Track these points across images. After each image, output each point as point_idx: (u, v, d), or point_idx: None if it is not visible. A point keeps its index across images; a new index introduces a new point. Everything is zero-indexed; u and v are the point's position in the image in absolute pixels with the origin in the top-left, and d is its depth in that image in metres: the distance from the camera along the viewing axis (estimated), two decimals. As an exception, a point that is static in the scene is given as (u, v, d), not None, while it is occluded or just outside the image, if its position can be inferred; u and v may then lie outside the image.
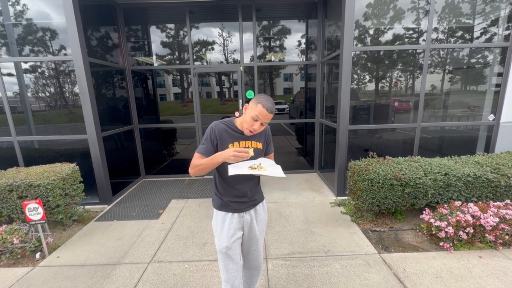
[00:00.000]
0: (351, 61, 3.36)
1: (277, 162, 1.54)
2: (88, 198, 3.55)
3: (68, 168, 3.09)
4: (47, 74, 3.62)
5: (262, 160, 1.44)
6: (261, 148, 1.52)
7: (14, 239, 2.46)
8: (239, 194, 1.49)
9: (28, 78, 3.58)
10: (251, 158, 1.39)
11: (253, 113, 1.31)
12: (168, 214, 3.42)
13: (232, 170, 1.31)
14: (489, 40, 3.57)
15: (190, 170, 1.41)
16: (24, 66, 3.54)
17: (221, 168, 1.44)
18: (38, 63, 3.54)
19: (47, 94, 3.69)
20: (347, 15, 3.22)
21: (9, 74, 3.54)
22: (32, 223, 2.47)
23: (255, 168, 1.37)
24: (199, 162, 1.37)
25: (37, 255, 2.54)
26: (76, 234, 2.98)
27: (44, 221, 2.49)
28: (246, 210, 1.53)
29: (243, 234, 1.56)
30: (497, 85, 3.67)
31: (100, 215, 3.44)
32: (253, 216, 1.56)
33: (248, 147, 1.45)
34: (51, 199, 2.76)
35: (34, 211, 2.44)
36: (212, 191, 1.60)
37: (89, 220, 3.31)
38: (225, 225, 1.50)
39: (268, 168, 1.41)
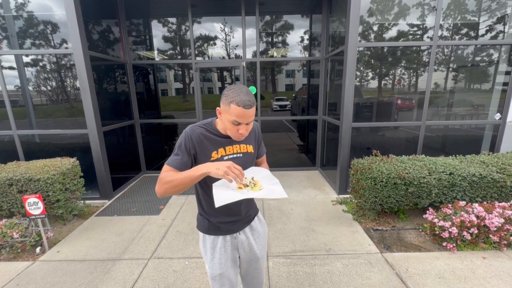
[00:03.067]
0: (355, 57, 3.30)
1: (279, 159, 1.38)
2: (88, 193, 3.55)
3: (68, 163, 3.07)
4: (48, 67, 3.58)
5: (255, 172, 1.14)
6: (252, 151, 1.24)
7: (14, 233, 2.45)
8: (231, 213, 1.21)
9: (29, 71, 3.55)
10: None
11: (231, 118, 1.03)
12: (169, 210, 3.40)
13: (219, 197, 0.99)
14: (494, 37, 3.50)
15: (158, 188, 1.05)
16: (25, 59, 3.50)
17: (205, 183, 1.14)
18: (39, 57, 3.50)
19: (48, 88, 3.66)
20: (352, 10, 3.15)
21: (10, 68, 3.51)
22: (32, 217, 2.46)
23: (247, 186, 1.07)
24: (172, 178, 1.02)
25: (37, 249, 2.53)
26: (76, 229, 2.98)
27: (44, 216, 2.47)
28: (240, 230, 1.28)
29: (239, 256, 1.32)
30: (504, 84, 3.60)
31: (100, 210, 3.44)
32: (249, 235, 1.31)
33: (238, 154, 1.18)
34: (51, 194, 2.75)
35: (34, 205, 2.42)
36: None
37: (89, 215, 3.30)
38: (216, 251, 1.24)
39: (265, 184, 1.10)
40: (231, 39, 4.55)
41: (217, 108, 1.10)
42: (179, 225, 3.01)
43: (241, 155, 1.19)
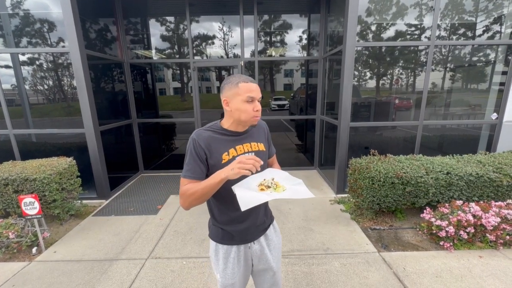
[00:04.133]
0: (354, 57, 3.30)
1: (277, 158, 1.39)
2: (85, 193, 3.52)
3: (65, 162, 3.05)
4: (45, 66, 3.55)
5: (273, 173, 1.07)
6: (264, 150, 1.19)
7: (10, 233, 2.43)
8: (248, 220, 1.14)
9: (25, 70, 3.52)
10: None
11: (243, 96, 1.01)
12: (167, 209, 3.39)
13: (244, 200, 0.90)
14: (491, 37, 3.52)
15: (183, 203, 1.03)
16: (22, 58, 3.47)
17: (217, 191, 1.02)
18: (36, 55, 3.47)
19: (45, 87, 3.63)
20: (350, 9, 3.15)
21: (6, 66, 3.48)
22: (28, 217, 2.44)
23: (270, 187, 0.99)
24: (193, 190, 0.99)
25: (34, 249, 2.51)
26: (73, 229, 2.96)
27: (40, 216, 2.45)
28: (255, 239, 1.21)
29: (252, 265, 1.25)
30: (501, 84, 3.62)
31: (97, 210, 3.42)
32: (263, 245, 1.23)
33: (250, 153, 1.11)
34: (48, 194, 2.72)
35: (30, 205, 2.40)
36: (208, 219, 1.24)
37: (86, 215, 3.28)
38: (229, 261, 1.17)
39: (287, 185, 1.02)
40: (229, 38, 4.54)
41: (223, 99, 1.07)
42: (177, 224, 3.00)
43: (253, 153, 1.13)
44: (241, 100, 1.02)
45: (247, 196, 0.94)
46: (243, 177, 0.96)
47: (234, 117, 1.06)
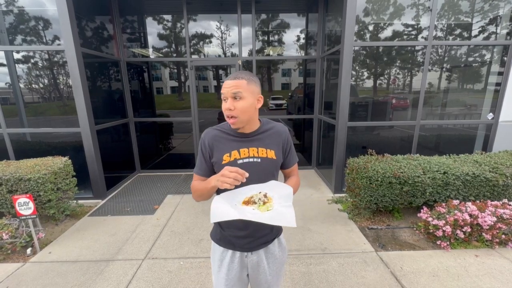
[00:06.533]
0: (351, 56, 3.30)
1: None
2: (81, 193, 3.48)
3: (60, 162, 3.01)
4: (40, 64, 3.50)
5: (273, 188, 0.98)
6: (274, 158, 1.06)
7: (4, 234, 2.39)
8: (248, 229, 1.07)
9: (20, 68, 3.47)
10: (253, 178, 0.95)
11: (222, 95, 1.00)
12: (164, 209, 3.37)
13: (216, 212, 0.88)
14: (487, 38, 3.55)
15: (193, 196, 1.10)
16: (16, 56, 3.41)
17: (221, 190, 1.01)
18: (31, 53, 3.42)
19: (40, 85, 3.58)
20: (348, 9, 3.15)
21: (0, 64, 3.42)
22: (22, 218, 2.40)
23: (255, 203, 0.91)
24: (196, 188, 1.05)
25: (28, 250, 2.48)
26: (68, 229, 2.92)
27: (35, 216, 2.42)
28: (254, 250, 1.13)
29: (248, 275, 1.19)
30: (497, 84, 3.65)
31: (93, 210, 3.38)
32: (262, 258, 1.14)
33: (255, 158, 1.03)
34: (42, 194, 2.69)
35: (25, 205, 2.36)
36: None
37: (82, 215, 3.24)
38: (223, 264, 1.14)
39: (277, 205, 0.92)
40: (227, 37, 4.52)
41: None
42: (174, 225, 2.98)
43: (258, 160, 1.04)
44: (222, 99, 1.00)
45: (221, 207, 0.90)
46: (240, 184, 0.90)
47: None
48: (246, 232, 1.07)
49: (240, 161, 1.03)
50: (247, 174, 0.87)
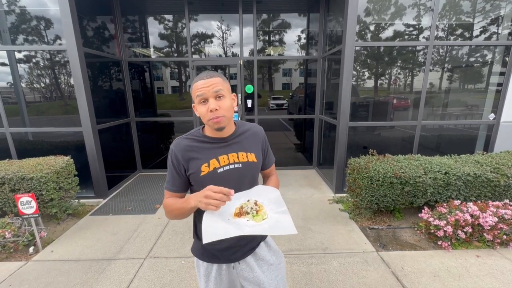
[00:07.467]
0: (353, 56, 3.30)
1: (275, 158, 1.19)
2: (83, 192, 3.50)
3: (62, 161, 3.02)
4: (42, 64, 3.52)
5: (260, 193, 0.93)
6: (255, 161, 1.01)
7: (6, 233, 2.40)
8: (231, 239, 0.91)
9: (22, 68, 3.48)
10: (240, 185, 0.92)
11: (195, 99, 0.91)
12: (165, 209, 3.37)
13: (209, 231, 0.80)
14: (488, 38, 3.54)
15: (166, 215, 1.00)
16: (18, 55, 3.43)
17: None
18: (33, 53, 3.43)
19: (42, 85, 3.60)
20: (350, 9, 3.15)
21: (2, 64, 3.44)
22: (25, 217, 2.41)
23: (248, 213, 0.85)
24: (171, 208, 0.95)
25: (31, 249, 2.49)
26: (70, 228, 2.93)
27: (37, 215, 2.43)
28: (241, 259, 1.06)
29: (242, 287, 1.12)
30: (498, 84, 3.64)
31: (95, 209, 3.39)
32: (252, 266, 1.07)
33: (236, 164, 0.97)
34: (45, 193, 2.70)
35: (27, 204, 2.38)
36: (191, 230, 1.10)
37: (84, 214, 3.26)
38: (210, 279, 1.06)
39: (271, 211, 0.88)
40: (228, 37, 4.52)
41: (192, 105, 0.97)
42: (176, 224, 2.99)
43: (240, 165, 0.97)
44: (197, 103, 0.92)
45: (214, 226, 0.82)
46: None
47: (201, 118, 0.94)
48: (229, 243, 0.98)
49: (220, 170, 0.95)
50: (233, 192, 0.82)
